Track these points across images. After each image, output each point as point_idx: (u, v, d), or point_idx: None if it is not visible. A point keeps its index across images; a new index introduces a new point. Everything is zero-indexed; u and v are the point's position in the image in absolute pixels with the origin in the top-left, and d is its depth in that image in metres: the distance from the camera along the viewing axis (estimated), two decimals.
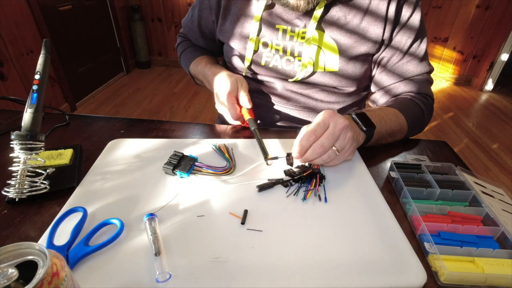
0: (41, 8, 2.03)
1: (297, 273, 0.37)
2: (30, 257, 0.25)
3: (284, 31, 0.67)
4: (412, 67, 0.68)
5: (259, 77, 0.75)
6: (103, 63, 2.86)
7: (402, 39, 0.66)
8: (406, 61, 0.68)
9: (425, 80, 0.70)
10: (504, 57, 2.84)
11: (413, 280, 0.37)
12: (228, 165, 0.53)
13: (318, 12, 0.62)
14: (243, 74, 0.75)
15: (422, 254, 0.41)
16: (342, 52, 0.66)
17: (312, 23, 0.63)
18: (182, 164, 0.52)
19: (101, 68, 2.83)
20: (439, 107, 2.71)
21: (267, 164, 0.54)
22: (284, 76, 0.72)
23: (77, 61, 2.51)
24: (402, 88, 0.70)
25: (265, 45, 0.70)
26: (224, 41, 0.76)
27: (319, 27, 0.65)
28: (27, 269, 0.24)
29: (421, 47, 0.67)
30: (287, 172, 0.53)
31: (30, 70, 1.98)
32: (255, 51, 0.71)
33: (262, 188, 0.49)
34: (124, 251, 0.39)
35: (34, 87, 0.47)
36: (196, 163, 0.52)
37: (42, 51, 0.49)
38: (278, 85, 0.74)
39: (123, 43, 3.10)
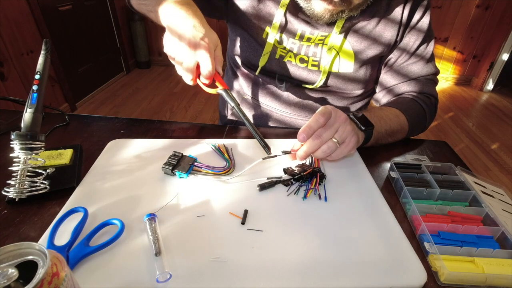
0: (41, 8, 2.03)
1: (297, 273, 0.37)
2: (30, 257, 0.25)
3: (303, 33, 0.66)
4: (417, 68, 0.68)
5: (269, 80, 0.74)
6: (103, 63, 2.86)
7: (410, 40, 0.66)
8: (412, 62, 0.68)
9: (429, 80, 0.69)
10: (504, 57, 2.84)
11: (413, 280, 0.37)
12: (227, 165, 0.53)
13: (341, 21, 0.62)
14: (255, 73, 0.74)
15: (422, 254, 0.41)
16: (357, 55, 0.66)
17: (335, 31, 0.63)
18: (182, 164, 0.52)
19: (101, 68, 2.83)
20: (439, 107, 2.66)
21: (267, 153, 0.52)
22: (299, 81, 0.71)
23: (77, 61, 2.50)
24: (404, 88, 0.69)
25: (280, 42, 0.68)
26: (234, 23, 0.72)
27: (342, 33, 0.64)
28: (27, 269, 0.24)
29: (428, 49, 0.67)
30: (287, 171, 0.53)
31: (30, 70, 1.98)
32: (271, 50, 0.69)
33: (263, 187, 0.49)
34: (124, 252, 0.39)
35: (34, 87, 0.47)
36: (196, 163, 0.52)
37: (42, 51, 0.49)
38: (289, 91, 0.73)
39: (123, 43, 3.10)
